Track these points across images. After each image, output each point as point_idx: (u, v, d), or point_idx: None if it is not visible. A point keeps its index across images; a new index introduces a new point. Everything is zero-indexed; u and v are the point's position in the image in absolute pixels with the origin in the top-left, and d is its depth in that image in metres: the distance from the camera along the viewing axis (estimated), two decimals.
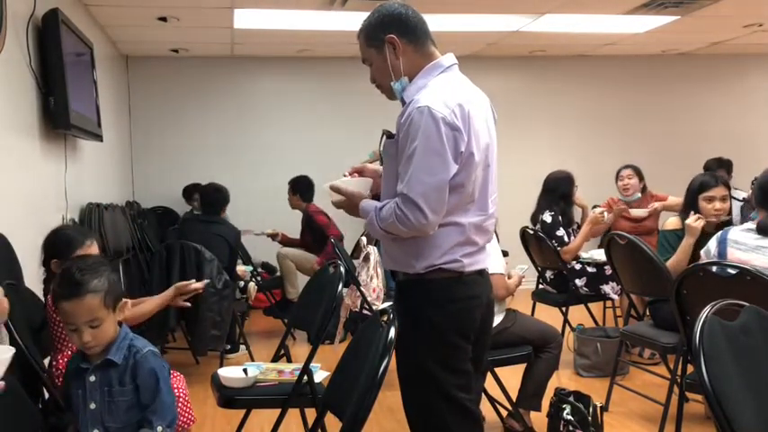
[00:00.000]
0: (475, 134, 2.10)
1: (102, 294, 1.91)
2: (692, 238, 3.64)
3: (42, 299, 2.72)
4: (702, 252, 3.29)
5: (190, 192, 6.87)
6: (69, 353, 2.44)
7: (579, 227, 5.02)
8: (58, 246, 2.62)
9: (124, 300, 2.02)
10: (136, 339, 2.02)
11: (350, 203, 2.37)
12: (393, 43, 2.20)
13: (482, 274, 2.31)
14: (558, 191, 4.91)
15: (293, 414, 3.05)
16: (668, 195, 5.33)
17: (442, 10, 5.66)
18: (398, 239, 2.18)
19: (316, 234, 5.92)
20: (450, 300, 2.18)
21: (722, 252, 3.08)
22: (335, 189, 2.38)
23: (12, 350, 1.68)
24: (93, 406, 1.95)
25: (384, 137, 2.24)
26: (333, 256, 5.64)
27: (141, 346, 2.00)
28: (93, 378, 1.96)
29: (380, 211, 2.16)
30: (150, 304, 2.72)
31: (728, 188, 3.85)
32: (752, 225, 3.07)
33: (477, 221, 2.20)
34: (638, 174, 5.40)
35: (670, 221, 3.96)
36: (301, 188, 6.04)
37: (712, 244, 3.17)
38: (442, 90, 2.13)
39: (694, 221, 3.65)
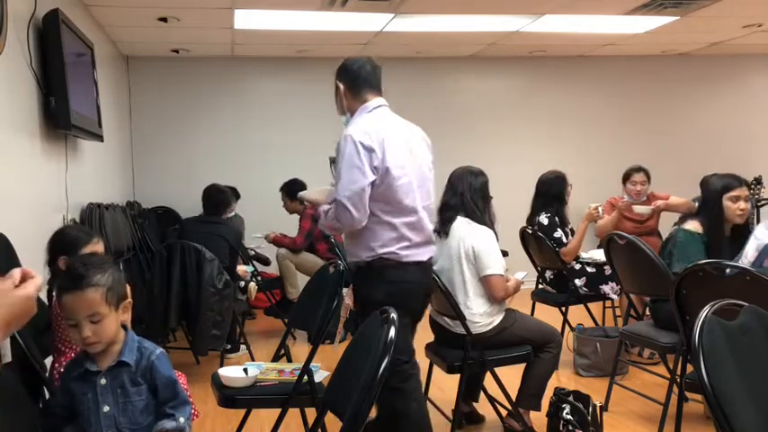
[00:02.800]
0: (391, 154, 2.79)
1: (104, 290, 1.89)
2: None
3: (45, 299, 2.72)
4: (743, 258, 3.20)
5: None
6: (73, 354, 2.43)
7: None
8: (64, 244, 2.63)
9: (128, 300, 2.01)
10: (143, 341, 2.02)
11: (313, 208, 3.19)
12: (338, 87, 3.06)
13: (420, 264, 2.92)
14: (550, 192, 4.90)
15: (293, 414, 3.06)
16: (669, 195, 5.33)
17: (443, 11, 5.67)
18: (351, 236, 2.91)
19: (322, 235, 5.96)
20: (390, 282, 2.84)
21: (761, 262, 3.05)
22: (303, 198, 3.35)
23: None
24: (106, 409, 1.93)
25: (330, 161, 3.12)
26: (311, 232, 5.88)
27: (152, 347, 2.01)
28: (104, 381, 1.94)
29: (327, 213, 2.89)
30: None
31: (749, 189, 3.81)
32: None
33: (408, 221, 2.86)
34: (648, 177, 5.41)
35: (694, 224, 3.70)
36: (298, 191, 6.05)
37: (751, 248, 3.11)
38: (364, 123, 2.89)
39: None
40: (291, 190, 6.04)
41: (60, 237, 2.72)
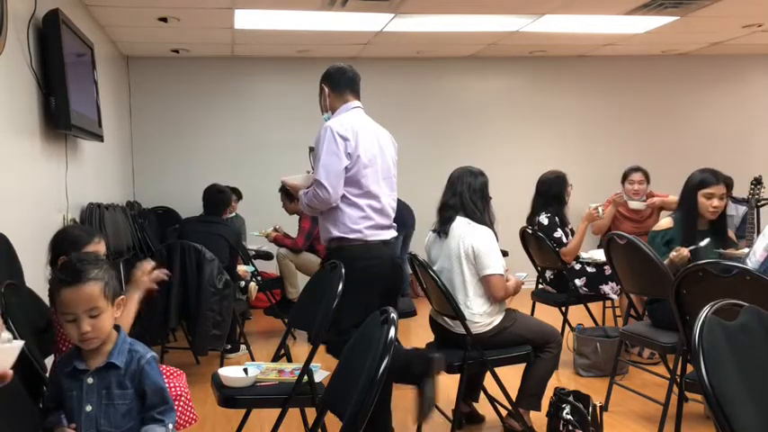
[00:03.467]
0: (362, 145, 3.24)
1: (103, 284, 1.91)
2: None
3: (46, 299, 2.72)
4: (751, 251, 3.24)
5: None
6: None
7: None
8: (66, 244, 2.63)
9: (122, 297, 2.02)
10: (135, 344, 2.01)
11: (294, 192, 3.61)
12: (323, 89, 3.46)
13: (386, 243, 3.35)
14: (550, 192, 4.90)
15: (293, 414, 3.06)
16: (668, 194, 5.34)
17: (443, 10, 5.67)
18: (325, 216, 3.32)
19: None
20: (358, 258, 3.20)
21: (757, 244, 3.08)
22: (284, 182, 3.60)
23: (21, 342, 1.61)
24: (89, 408, 1.93)
25: (310, 151, 3.56)
26: (310, 233, 5.87)
27: (143, 351, 1.99)
28: (90, 380, 1.94)
29: (306, 194, 3.32)
30: (131, 303, 2.70)
31: (729, 188, 3.85)
32: None
33: (373, 205, 3.29)
34: (647, 177, 5.41)
35: (661, 223, 3.96)
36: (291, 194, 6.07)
37: (760, 247, 3.12)
38: (342, 118, 3.33)
39: (675, 256, 3.59)
40: (289, 191, 6.04)
41: (62, 236, 2.73)
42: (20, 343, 1.56)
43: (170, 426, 1.94)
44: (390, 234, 3.40)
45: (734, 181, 5.07)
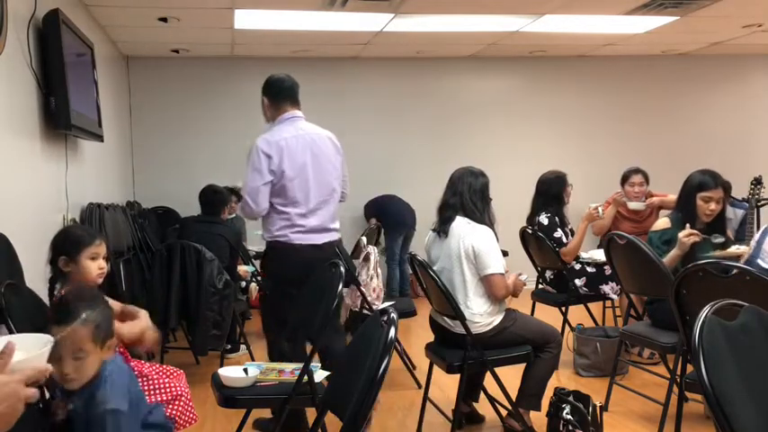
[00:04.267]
0: (287, 159, 3.45)
1: (92, 327, 1.88)
2: (680, 251, 3.63)
3: (46, 298, 2.72)
4: (752, 242, 3.25)
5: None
6: None
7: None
8: (66, 244, 2.62)
9: (114, 339, 1.99)
10: (104, 385, 1.92)
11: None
12: (263, 101, 3.67)
13: (316, 246, 3.53)
14: (550, 192, 4.91)
15: None
16: (668, 194, 5.34)
17: (443, 10, 5.67)
18: (261, 221, 3.60)
19: None
20: (283, 261, 3.52)
21: (761, 240, 3.09)
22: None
23: (50, 338, 1.49)
24: (71, 406, 1.95)
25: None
26: None
27: (102, 399, 1.91)
28: (71, 406, 1.95)
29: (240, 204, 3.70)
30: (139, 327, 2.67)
31: (727, 191, 3.85)
32: None
33: (300, 212, 3.50)
34: (647, 179, 5.41)
35: (659, 223, 3.97)
36: None
37: (759, 232, 3.15)
38: (272, 133, 3.54)
39: (686, 237, 3.62)
40: None
41: (64, 236, 2.72)
42: (50, 341, 1.47)
43: None
44: (324, 238, 3.58)
45: (731, 185, 5.07)
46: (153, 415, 2.13)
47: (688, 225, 3.67)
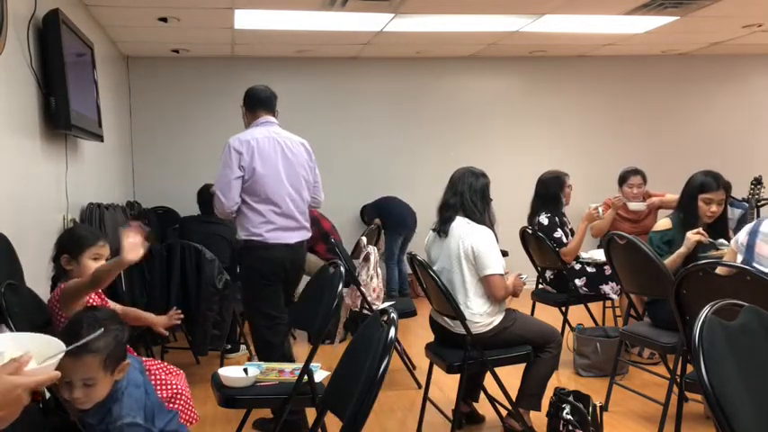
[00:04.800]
0: (258, 157, 3.64)
1: (103, 356, 1.89)
2: (685, 250, 3.65)
3: (46, 298, 2.73)
4: (732, 242, 3.27)
5: None
6: None
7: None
8: (69, 243, 2.67)
9: (126, 362, 1.99)
10: (122, 399, 1.95)
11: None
12: (242, 109, 3.98)
13: (288, 246, 3.71)
14: (548, 192, 4.91)
15: None
16: (665, 193, 5.34)
17: (443, 11, 5.67)
18: (235, 220, 3.74)
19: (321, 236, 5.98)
20: (259, 258, 3.67)
21: (751, 243, 3.08)
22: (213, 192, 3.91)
23: (62, 345, 1.43)
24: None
25: None
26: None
27: (118, 414, 1.93)
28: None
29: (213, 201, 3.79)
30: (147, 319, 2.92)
31: (728, 192, 3.86)
32: None
33: (273, 209, 3.66)
34: (645, 179, 5.42)
35: (660, 223, 3.97)
36: None
37: (742, 234, 3.15)
38: (245, 133, 3.76)
39: (694, 234, 3.64)
40: None
41: (68, 235, 2.78)
42: (61, 349, 1.42)
43: None
44: (296, 237, 3.76)
45: (731, 185, 5.07)
46: (171, 423, 2.13)
47: (700, 229, 3.68)
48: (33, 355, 1.29)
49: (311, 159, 3.88)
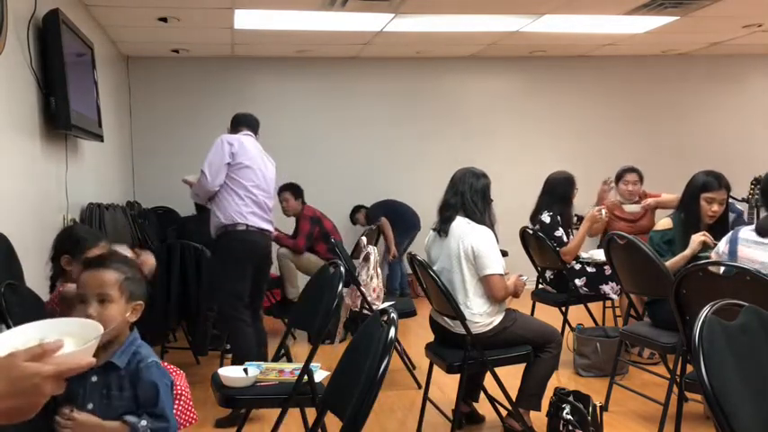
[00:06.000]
0: (244, 151, 4.12)
1: (121, 275, 1.94)
2: (690, 252, 3.65)
3: (45, 297, 2.72)
4: (713, 253, 3.30)
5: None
6: None
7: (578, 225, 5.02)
8: (68, 243, 2.67)
9: (140, 302, 2.00)
10: (143, 347, 2.00)
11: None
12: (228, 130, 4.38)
13: (261, 231, 4.14)
14: (556, 192, 4.91)
15: (293, 414, 3.06)
16: (661, 193, 5.33)
17: (443, 11, 5.67)
18: (215, 205, 4.13)
19: (321, 235, 5.98)
20: (239, 240, 4.05)
21: (733, 250, 3.09)
22: (184, 180, 4.47)
23: (99, 328, 1.27)
24: (90, 406, 1.93)
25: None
26: (311, 234, 5.96)
27: (146, 354, 1.98)
28: (94, 378, 1.94)
29: (194, 184, 4.26)
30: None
31: (729, 192, 3.86)
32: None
33: (252, 198, 4.10)
34: (641, 178, 5.41)
35: (661, 223, 3.97)
36: (301, 192, 6.09)
37: (722, 243, 3.18)
38: (232, 134, 4.28)
39: (699, 237, 3.65)
40: (296, 189, 6.08)
41: (67, 234, 2.77)
42: (98, 331, 1.26)
43: (143, 422, 1.89)
44: (266, 224, 4.20)
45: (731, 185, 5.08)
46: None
47: (705, 232, 3.68)
48: (72, 340, 1.17)
49: (274, 176, 4.38)
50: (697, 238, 3.65)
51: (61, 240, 2.73)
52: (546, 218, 4.84)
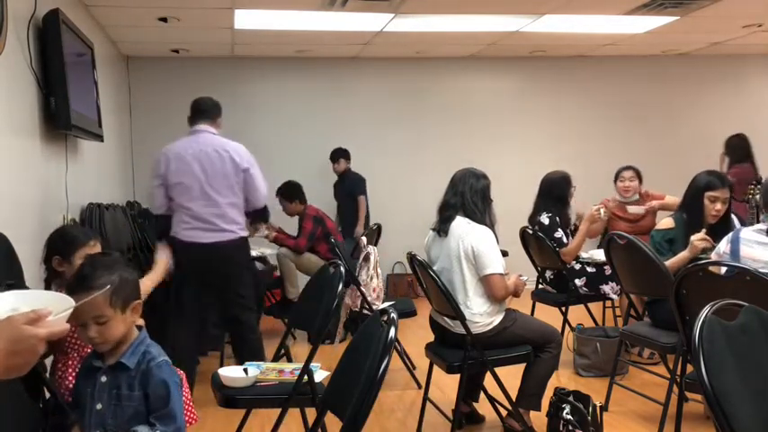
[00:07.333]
0: (172, 167, 4.01)
1: (109, 290, 1.87)
2: (690, 254, 3.64)
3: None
4: (713, 253, 3.29)
5: None
6: (75, 354, 2.43)
7: (576, 228, 5.02)
8: (60, 244, 2.62)
9: (138, 301, 1.98)
10: (152, 346, 1.99)
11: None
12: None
13: (203, 246, 4.02)
14: (553, 192, 4.90)
15: (293, 414, 3.06)
16: (665, 195, 5.33)
17: (443, 11, 5.67)
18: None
19: (323, 235, 5.99)
20: (176, 254, 3.84)
21: (734, 249, 3.09)
22: None
23: (70, 302, 1.46)
24: (99, 407, 1.92)
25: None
26: (313, 234, 5.90)
27: (156, 353, 1.97)
28: (104, 378, 1.93)
29: None
30: (147, 283, 2.93)
31: (732, 191, 3.87)
32: (763, 226, 3.10)
33: (187, 212, 4.03)
34: (639, 175, 5.40)
35: (663, 222, 3.98)
36: (297, 192, 6.07)
37: (723, 243, 3.18)
38: (169, 146, 4.11)
39: (699, 240, 3.63)
40: (294, 193, 6.06)
41: (58, 235, 2.72)
42: (71, 304, 1.46)
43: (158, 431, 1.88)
44: (210, 238, 4.02)
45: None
46: None
47: (704, 231, 3.67)
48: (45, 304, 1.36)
49: (237, 167, 4.04)
50: (699, 244, 3.62)
51: (52, 241, 2.68)
52: (545, 219, 4.84)
